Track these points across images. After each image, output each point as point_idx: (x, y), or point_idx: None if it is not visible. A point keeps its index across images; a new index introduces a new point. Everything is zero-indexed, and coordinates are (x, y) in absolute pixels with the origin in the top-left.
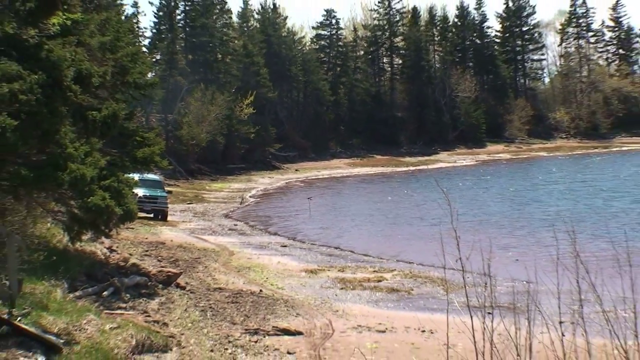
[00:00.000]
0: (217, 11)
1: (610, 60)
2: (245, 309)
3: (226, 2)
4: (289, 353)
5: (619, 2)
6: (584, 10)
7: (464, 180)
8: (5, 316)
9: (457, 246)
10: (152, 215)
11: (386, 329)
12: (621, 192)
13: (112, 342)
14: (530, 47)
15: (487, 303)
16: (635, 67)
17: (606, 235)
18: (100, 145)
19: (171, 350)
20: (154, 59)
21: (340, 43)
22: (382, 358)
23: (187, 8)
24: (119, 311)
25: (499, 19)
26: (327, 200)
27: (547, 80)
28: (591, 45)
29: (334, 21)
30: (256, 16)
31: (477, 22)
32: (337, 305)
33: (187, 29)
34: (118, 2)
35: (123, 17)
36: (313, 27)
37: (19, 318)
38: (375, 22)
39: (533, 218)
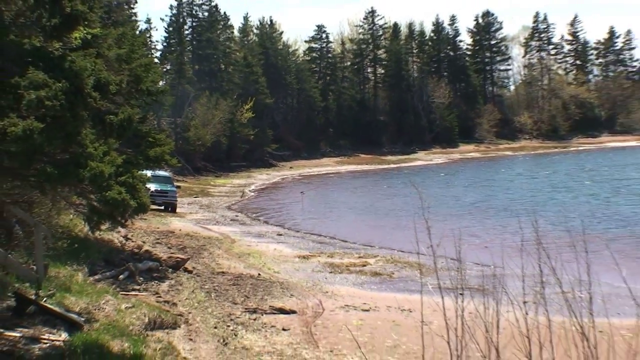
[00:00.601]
0: (221, 26)
1: (568, 70)
2: (245, 290)
3: (229, 19)
4: (284, 329)
5: (576, 18)
6: (545, 26)
7: (439, 175)
8: (33, 297)
9: (429, 235)
10: (163, 208)
11: (370, 308)
12: (578, 186)
13: (127, 320)
14: (498, 58)
15: (459, 285)
16: (590, 76)
17: (565, 224)
18: (117, 146)
19: (179, 327)
20: (164, 69)
21: (329, 55)
22: (366, 334)
23: (194, 24)
24: (133, 292)
25: (470, 34)
26: (318, 194)
27: (512, 87)
28: (551, 57)
29: (324, 35)
30: (255, 31)
31: (450, 36)
32: (327, 287)
33: (194, 42)
34: (133, 18)
35: (137, 32)
36: (305, 41)
37: (44, 299)
38: (361, 36)
39: (499, 209)
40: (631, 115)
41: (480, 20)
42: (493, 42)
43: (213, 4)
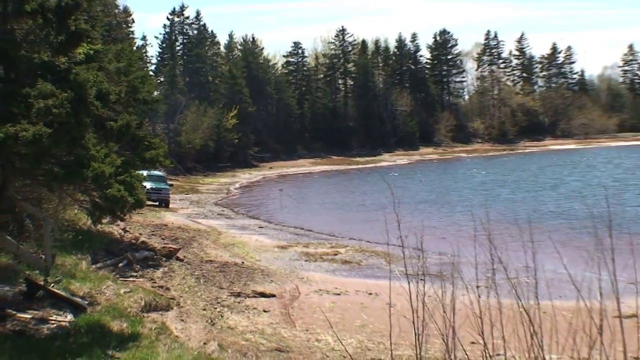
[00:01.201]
0: (209, 43)
1: (516, 82)
2: (230, 276)
3: (215, 36)
4: (264, 311)
5: (523, 36)
6: (496, 43)
7: (401, 175)
8: (42, 283)
9: (399, 227)
10: (157, 204)
11: (341, 292)
12: (524, 184)
13: (126, 302)
14: (454, 71)
15: (420, 272)
16: (535, 87)
17: (512, 217)
18: (116, 148)
19: (172, 309)
20: (158, 81)
21: (305, 68)
22: (337, 315)
23: (184, 41)
24: (131, 279)
25: (429, 49)
26: (295, 191)
27: (466, 97)
28: (501, 70)
29: (300, 51)
30: (239, 47)
31: (412, 51)
32: (303, 274)
33: (185, 57)
34: (130, 36)
35: (134, 48)
36: (284, 56)
37: (52, 284)
38: (332, 51)
39: (455, 204)
40: (571, 121)
41: (438, 38)
42: (449, 56)
43: (202, 23)
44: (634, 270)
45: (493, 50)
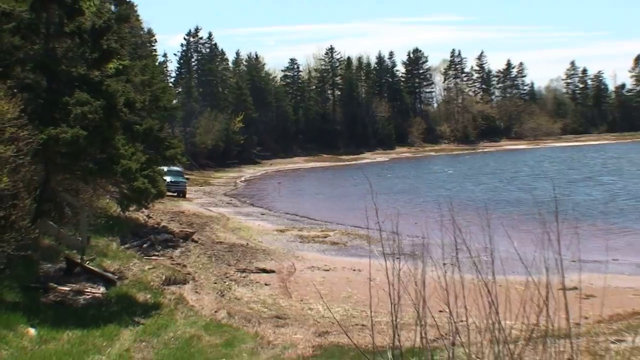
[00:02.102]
0: (219, 60)
1: (476, 92)
2: (237, 255)
3: (225, 54)
4: (265, 285)
5: (482, 54)
6: (459, 59)
7: (381, 170)
8: (79, 261)
9: (377, 215)
10: (176, 194)
11: (330, 268)
12: (482, 177)
13: (149, 277)
14: (424, 83)
15: (396, 251)
16: (493, 96)
17: (473, 205)
18: (142, 148)
19: (188, 283)
20: (176, 91)
21: (299, 81)
22: (327, 287)
23: (198, 57)
24: (153, 257)
25: (403, 65)
26: (291, 184)
27: (435, 105)
28: (464, 82)
29: (295, 66)
30: (244, 63)
31: (389, 67)
32: (298, 253)
33: (199, 71)
34: (153, 53)
35: (156, 63)
36: (282, 70)
37: (87, 262)
38: (323, 67)
39: (424, 194)
40: (523, 125)
41: (411, 55)
42: (421, 71)
43: (213, 42)
44: (577, 250)
45: (457, 66)
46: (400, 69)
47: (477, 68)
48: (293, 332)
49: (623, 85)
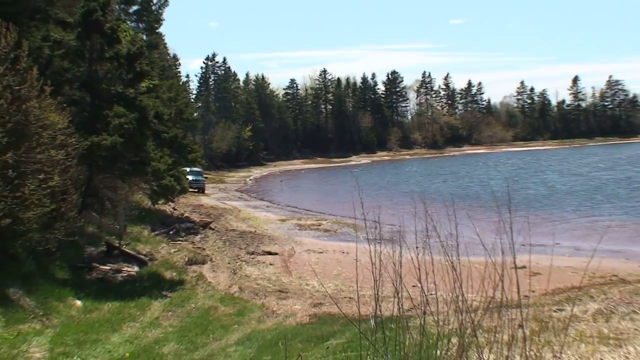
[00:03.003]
0: (232, 79)
1: (443, 107)
2: (246, 240)
3: (237, 75)
4: (270, 264)
5: (448, 75)
6: (429, 80)
7: (365, 170)
8: (117, 245)
9: (362, 207)
10: (196, 191)
11: (323, 251)
12: (449, 175)
13: (175, 258)
14: (400, 99)
15: (377, 237)
16: (457, 110)
17: (441, 198)
18: (168, 152)
19: (206, 263)
20: (197, 105)
21: (298, 97)
22: (321, 267)
23: (215, 78)
24: (178, 242)
25: (383, 84)
26: (291, 182)
27: (409, 117)
28: (433, 98)
29: (295, 85)
30: (253, 83)
31: (372, 85)
32: (297, 239)
33: (215, 89)
34: (178, 74)
35: (180, 83)
36: (284, 88)
37: (124, 246)
38: (317, 85)
39: (400, 191)
40: (481, 134)
41: (390, 76)
42: (397, 89)
43: (227, 66)
44: (527, 236)
45: (427, 85)
46: (381, 87)
47: (444, 87)
48: (293, 303)
49: (563, 101)
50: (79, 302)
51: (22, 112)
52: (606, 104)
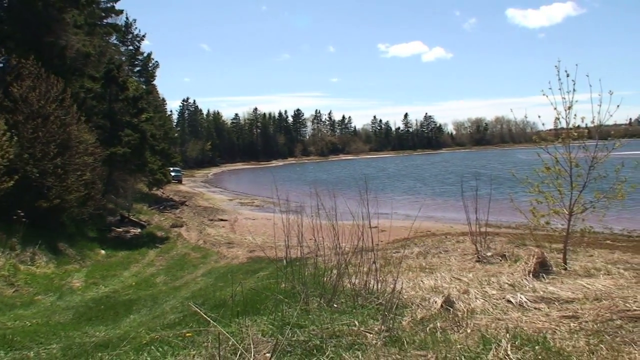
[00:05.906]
0: (199, 113)
1: (328, 131)
2: (208, 212)
3: (202, 110)
4: (222, 227)
5: (331, 112)
6: (319, 114)
7: (280, 169)
8: (127, 215)
9: (276, 191)
10: (177, 182)
11: (255, 219)
12: (330, 172)
13: (163, 224)
14: (302, 126)
15: (288, 209)
16: (336, 133)
17: (324, 185)
18: (159, 158)
19: (183, 226)
20: (177, 129)
21: (239, 124)
22: (254, 228)
23: (188, 112)
24: (165, 213)
25: (292, 117)
26: (235, 176)
27: (307, 136)
28: (322, 126)
29: (237, 117)
30: (212, 115)
31: (285, 117)
32: (239, 211)
33: (189, 119)
34: (164, 109)
35: (166, 115)
36: (231, 119)
37: (131, 216)
38: (251, 117)
39: (302, 180)
40: (350, 147)
41: (295, 112)
42: (300, 120)
43: (197, 105)
44: (376, 208)
45: (318, 117)
46: (290, 119)
47: (328, 119)
48: (237, 250)
49: (399, 128)
50: (103, 251)
51: (66, 133)
52: (424, 129)
